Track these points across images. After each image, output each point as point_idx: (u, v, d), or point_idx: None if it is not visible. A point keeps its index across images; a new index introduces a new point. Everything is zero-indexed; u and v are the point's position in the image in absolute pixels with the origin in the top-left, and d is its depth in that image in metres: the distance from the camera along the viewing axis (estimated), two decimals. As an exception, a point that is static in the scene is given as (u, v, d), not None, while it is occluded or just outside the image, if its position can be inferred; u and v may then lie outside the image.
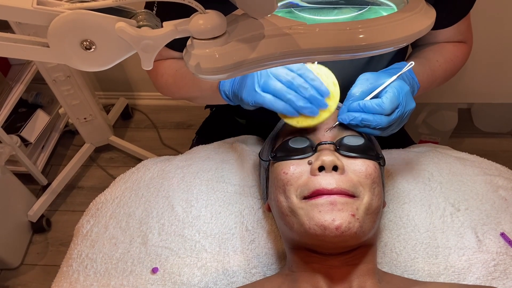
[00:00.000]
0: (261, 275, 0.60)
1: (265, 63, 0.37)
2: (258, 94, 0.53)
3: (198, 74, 0.36)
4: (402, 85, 0.55)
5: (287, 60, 0.37)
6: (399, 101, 0.54)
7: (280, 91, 0.52)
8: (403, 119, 0.57)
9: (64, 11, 0.31)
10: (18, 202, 1.42)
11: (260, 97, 0.53)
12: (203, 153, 0.75)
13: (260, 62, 0.36)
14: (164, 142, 1.75)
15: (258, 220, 0.64)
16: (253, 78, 0.54)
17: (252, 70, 0.37)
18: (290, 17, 0.44)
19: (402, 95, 0.55)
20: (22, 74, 1.43)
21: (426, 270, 0.58)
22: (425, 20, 0.39)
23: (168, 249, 0.61)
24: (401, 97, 0.55)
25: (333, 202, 0.47)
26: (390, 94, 0.53)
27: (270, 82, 0.52)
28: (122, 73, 1.78)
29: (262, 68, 0.38)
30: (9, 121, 1.50)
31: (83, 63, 0.34)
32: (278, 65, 0.38)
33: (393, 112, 0.54)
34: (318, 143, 0.54)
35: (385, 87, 0.55)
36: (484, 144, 1.62)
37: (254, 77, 0.54)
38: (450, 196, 0.64)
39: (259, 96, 0.53)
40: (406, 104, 0.55)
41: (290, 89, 0.52)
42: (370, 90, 0.55)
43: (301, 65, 0.53)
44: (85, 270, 0.61)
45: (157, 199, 0.67)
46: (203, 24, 0.33)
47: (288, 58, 0.37)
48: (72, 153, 1.62)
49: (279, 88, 0.52)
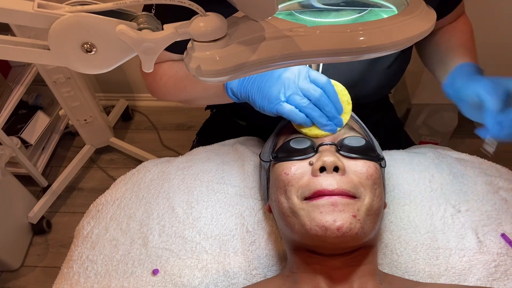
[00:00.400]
0: (262, 276, 0.60)
1: (265, 65, 0.37)
2: (281, 105, 0.55)
3: (199, 77, 0.36)
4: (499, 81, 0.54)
5: (288, 62, 0.37)
6: None
7: (306, 108, 0.55)
8: None
9: (64, 14, 0.31)
10: (19, 204, 1.42)
11: (283, 108, 0.55)
12: (203, 155, 0.75)
13: (261, 64, 0.36)
14: (164, 144, 1.76)
15: (258, 221, 0.64)
16: (278, 88, 0.55)
17: (253, 72, 0.37)
18: (290, 19, 0.44)
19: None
20: (22, 75, 1.43)
21: (427, 271, 0.58)
22: (425, 22, 0.40)
23: (168, 250, 0.61)
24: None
25: (334, 203, 0.47)
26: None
27: (296, 98, 0.55)
28: (122, 74, 1.78)
29: (263, 70, 0.38)
30: (10, 122, 1.50)
31: (84, 65, 0.34)
32: (278, 67, 0.38)
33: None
34: (319, 144, 0.54)
35: None
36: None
37: (279, 87, 0.55)
38: (451, 197, 0.64)
39: (282, 107, 0.55)
40: None
41: (316, 106, 0.55)
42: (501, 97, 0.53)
43: (326, 79, 0.56)
44: (86, 271, 0.61)
45: (158, 201, 0.67)
46: (203, 27, 0.33)
47: (288, 60, 0.37)
48: (73, 155, 1.63)
49: (306, 105, 0.55)
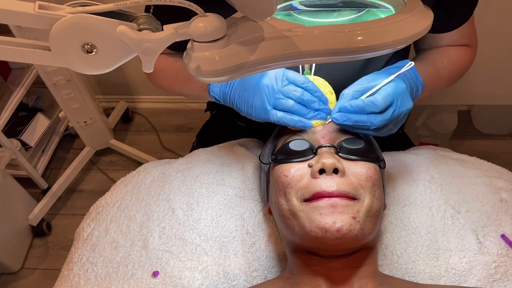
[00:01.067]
0: (262, 278, 0.59)
1: (264, 65, 0.37)
2: (270, 113, 0.56)
3: (198, 77, 0.36)
4: (397, 84, 0.55)
5: (286, 62, 0.38)
6: (392, 98, 0.53)
7: (293, 108, 0.55)
8: (399, 119, 0.56)
9: (65, 15, 0.31)
10: (18, 206, 1.42)
11: (272, 115, 0.56)
12: (203, 156, 0.75)
13: (260, 64, 0.37)
14: (164, 146, 1.76)
15: (258, 223, 0.64)
16: (261, 98, 0.56)
17: (252, 72, 0.37)
18: (289, 19, 0.44)
19: (397, 93, 0.54)
20: (22, 78, 1.43)
21: (427, 273, 0.58)
22: (422, 22, 0.40)
23: (169, 252, 0.61)
24: (396, 95, 0.53)
25: (334, 204, 0.47)
26: (383, 91, 0.53)
27: (281, 101, 0.55)
28: (122, 76, 1.78)
29: (262, 70, 0.38)
30: (9, 125, 1.50)
31: (85, 66, 0.34)
32: (277, 67, 0.38)
33: (387, 110, 0.53)
34: (319, 146, 0.54)
35: (381, 87, 0.54)
36: (484, 146, 1.62)
37: (262, 95, 0.56)
38: (451, 198, 0.64)
39: (272, 114, 0.56)
40: (401, 103, 0.54)
41: (301, 105, 0.56)
42: (365, 90, 0.55)
43: (304, 78, 0.56)
44: (86, 274, 0.61)
45: (158, 203, 0.67)
46: (203, 27, 0.33)
47: (287, 60, 0.37)
48: (72, 157, 1.63)
49: (291, 106, 0.55)
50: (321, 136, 0.56)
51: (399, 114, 0.55)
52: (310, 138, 0.56)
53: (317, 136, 0.56)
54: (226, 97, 0.60)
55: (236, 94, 0.59)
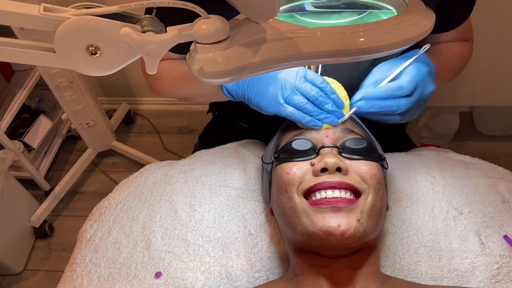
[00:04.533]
0: (265, 279, 0.60)
1: (267, 67, 0.37)
2: (282, 106, 0.55)
3: (202, 78, 0.37)
4: (420, 67, 0.55)
5: (289, 63, 0.38)
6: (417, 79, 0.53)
7: (305, 107, 0.55)
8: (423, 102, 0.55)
9: (70, 17, 0.31)
10: (21, 208, 1.43)
11: (284, 109, 0.55)
12: (205, 158, 0.75)
13: (263, 66, 0.37)
14: (166, 147, 1.76)
15: (261, 224, 0.64)
16: (276, 89, 0.56)
17: (255, 73, 0.38)
18: (291, 21, 0.45)
19: (420, 76, 0.54)
20: (25, 80, 1.44)
21: (429, 273, 0.58)
22: (425, 23, 0.40)
23: (171, 253, 0.61)
24: (420, 76, 0.53)
25: (338, 209, 0.47)
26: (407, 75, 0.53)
27: (295, 97, 0.55)
28: (124, 78, 1.79)
29: (265, 71, 0.38)
30: (12, 126, 1.51)
31: (89, 68, 0.34)
32: (280, 68, 0.38)
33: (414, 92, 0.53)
34: (321, 146, 0.54)
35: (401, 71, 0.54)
36: (486, 147, 1.62)
37: (277, 88, 0.56)
38: (453, 199, 0.64)
39: (283, 108, 0.55)
40: (425, 85, 0.54)
41: (315, 105, 0.56)
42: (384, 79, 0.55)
43: (322, 79, 0.56)
44: (89, 274, 0.61)
45: (160, 204, 0.67)
46: (206, 29, 0.34)
47: (290, 61, 0.37)
48: (75, 158, 1.63)
49: (305, 105, 0.55)
50: (325, 136, 0.56)
51: (423, 96, 0.54)
52: (313, 138, 0.56)
53: (321, 136, 0.56)
54: (239, 87, 0.60)
55: (250, 85, 0.58)
